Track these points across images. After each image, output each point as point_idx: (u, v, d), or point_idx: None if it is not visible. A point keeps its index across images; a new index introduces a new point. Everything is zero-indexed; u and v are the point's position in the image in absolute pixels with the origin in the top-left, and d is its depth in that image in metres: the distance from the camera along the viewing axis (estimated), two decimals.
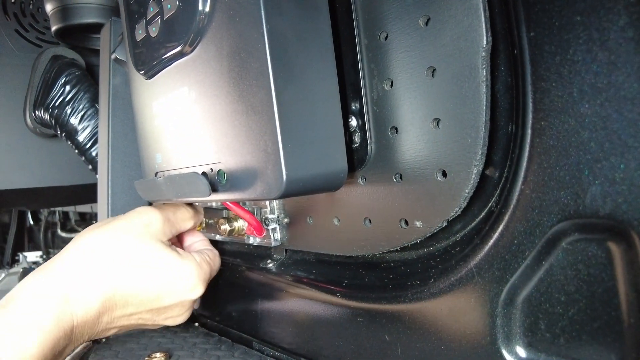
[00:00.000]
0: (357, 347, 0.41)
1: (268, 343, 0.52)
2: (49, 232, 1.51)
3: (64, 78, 0.68)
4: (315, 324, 0.46)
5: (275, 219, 0.52)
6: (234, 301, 0.58)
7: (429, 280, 0.37)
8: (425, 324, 0.36)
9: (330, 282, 0.45)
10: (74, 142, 0.69)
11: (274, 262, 0.54)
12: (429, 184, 0.37)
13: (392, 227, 0.40)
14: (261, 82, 0.33)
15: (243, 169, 0.36)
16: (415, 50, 0.37)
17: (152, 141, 0.47)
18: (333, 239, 0.45)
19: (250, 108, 0.34)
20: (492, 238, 0.33)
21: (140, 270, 0.45)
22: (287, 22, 0.34)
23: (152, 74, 0.45)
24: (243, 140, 0.36)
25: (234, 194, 0.37)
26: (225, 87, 0.36)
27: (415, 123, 0.37)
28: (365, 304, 0.41)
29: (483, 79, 0.33)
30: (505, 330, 0.32)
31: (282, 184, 0.33)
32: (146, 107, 0.47)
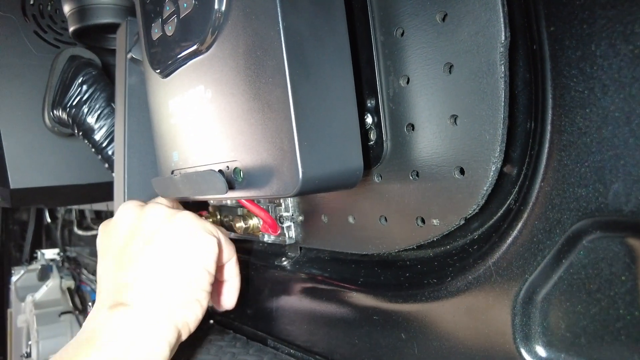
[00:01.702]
0: (373, 346, 0.41)
1: (283, 340, 0.52)
2: (65, 230, 1.53)
3: (81, 78, 0.69)
4: (330, 322, 0.46)
5: (290, 216, 0.52)
6: (248, 298, 0.58)
7: (446, 279, 0.36)
8: (442, 322, 0.36)
9: (345, 280, 0.45)
10: (91, 140, 0.70)
11: (288, 260, 0.54)
12: (446, 182, 0.36)
13: (409, 225, 0.39)
14: (277, 80, 0.33)
15: (259, 166, 0.36)
16: (432, 47, 0.36)
17: (168, 140, 0.48)
18: (348, 237, 0.45)
19: (266, 106, 0.35)
20: (511, 236, 0.33)
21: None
22: (303, 19, 0.34)
23: (168, 73, 0.45)
24: (259, 138, 0.36)
25: (250, 192, 0.37)
26: (241, 85, 0.36)
27: (432, 120, 0.37)
28: (381, 303, 0.41)
29: (501, 75, 0.33)
30: (524, 329, 0.31)
31: (298, 182, 0.33)
32: (162, 106, 0.48)
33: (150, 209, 0.48)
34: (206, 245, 0.47)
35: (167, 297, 0.45)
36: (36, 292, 1.24)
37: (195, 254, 0.46)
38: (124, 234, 0.48)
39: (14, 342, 1.39)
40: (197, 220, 0.48)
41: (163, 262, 0.46)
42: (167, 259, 0.46)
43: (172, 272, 0.46)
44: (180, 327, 0.45)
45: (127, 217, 0.49)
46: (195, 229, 0.47)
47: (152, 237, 0.47)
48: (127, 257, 0.47)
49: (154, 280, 0.45)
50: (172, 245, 0.46)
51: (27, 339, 1.21)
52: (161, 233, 0.47)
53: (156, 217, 0.47)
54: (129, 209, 0.49)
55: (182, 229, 0.47)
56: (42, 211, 1.69)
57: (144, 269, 0.46)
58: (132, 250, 0.47)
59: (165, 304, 0.45)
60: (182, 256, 0.46)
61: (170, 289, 0.45)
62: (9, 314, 1.44)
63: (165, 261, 0.46)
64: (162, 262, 0.46)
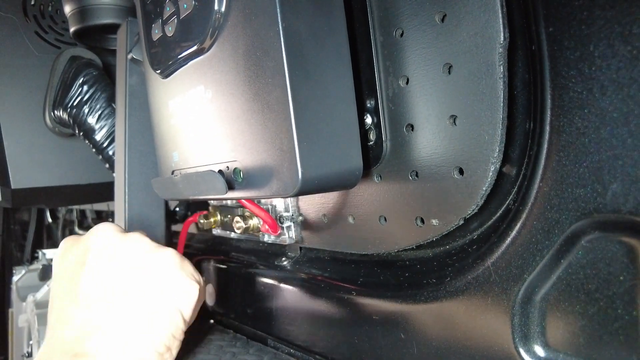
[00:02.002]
0: (372, 346, 0.41)
1: (283, 340, 0.52)
2: (67, 230, 1.53)
3: (82, 78, 0.69)
4: (330, 322, 0.46)
5: (290, 217, 0.52)
6: (248, 298, 0.58)
7: (445, 279, 0.36)
8: (441, 322, 0.36)
9: (345, 280, 0.45)
10: (92, 141, 0.70)
11: (288, 260, 0.55)
12: (446, 182, 0.36)
13: (408, 225, 0.40)
14: (277, 81, 0.33)
15: (259, 166, 0.36)
16: (431, 47, 0.36)
17: (168, 140, 0.48)
18: (348, 237, 0.45)
19: (266, 106, 0.35)
20: (510, 236, 0.33)
21: None
22: (303, 20, 0.34)
23: (168, 73, 0.45)
24: (259, 138, 0.36)
25: (250, 192, 0.37)
26: (241, 86, 0.36)
27: (431, 120, 0.37)
28: (381, 302, 0.41)
29: (500, 76, 0.33)
30: (522, 329, 0.31)
31: (297, 182, 0.33)
32: (162, 106, 0.48)
33: (131, 241, 0.44)
34: (187, 291, 0.42)
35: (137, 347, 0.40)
36: (37, 292, 1.25)
37: (174, 299, 0.42)
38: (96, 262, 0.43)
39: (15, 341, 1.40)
40: (180, 262, 0.44)
41: (137, 306, 0.41)
42: (141, 302, 0.41)
43: (146, 318, 0.41)
44: None
45: (103, 244, 0.44)
46: (177, 272, 0.43)
47: (128, 275, 0.42)
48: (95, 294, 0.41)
49: (123, 327, 0.40)
50: (149, 287, 0.41)
51: (29, 339, 1.21)
52: (139, 272, 0.42)
53: (136, 252, 0.43)
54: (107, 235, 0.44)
55: (164, 271, 0.42)
56: (43, 211, 1.69)
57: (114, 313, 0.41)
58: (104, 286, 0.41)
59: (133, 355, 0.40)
60: (159, 301, 0.41)
61: (141, 337, 0.40)
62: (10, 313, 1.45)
63: (140, 305, 0.41)
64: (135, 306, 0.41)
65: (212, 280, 0.66)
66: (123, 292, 0.42)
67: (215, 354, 0.51)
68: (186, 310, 0.43)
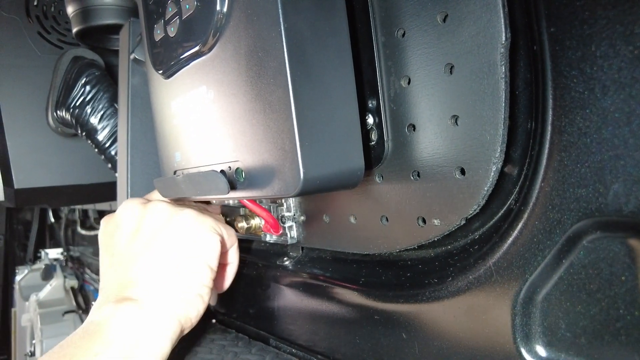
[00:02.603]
0: (374, 345, 0.41)
1: (285, 340, 0.53)
2: (69, 229, 1.54)
3: (84, 78, 0.69)
4: (332, 322, 0.46)
5: (292, 216, 0.52)
6: (250, 298, 0.58)
7: (447, 279, 0.36)
8: (443, 322, 0.36)
9: (347, 280, 0.45)
10: (94, 141, 0.70)
11: (290, 260, 0.55)
12: (447, 182, 0.36)
13: (409, 225, 0.40)
14: (279, 81, 0.34)
15: (261, 167, 0.36)
16: (432, 47, 0.37)
17: (170, 140, 0.48)
18: (349, 236, 0.45)
19: (267, 106, 0.35)
20: (511, 236, 0.33)
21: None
22: (305, 20, 0.34)
23: (170, 74, 0.46)
24: (261, 138, 0.36)
25: (252, 192, 0.37)
26: (243, 86, 0.36)
27: (433, 120, 0.37)
28: (382, 302, 0.41)
29: (502, 76, 0.33)
30: (524, 329, 0.31)
31: (299, 182, 0.33)
32: (165, 107, 0.48)
33: (154, 206, 0.49)
34: (209, 243, 0.47)
35: (172, 293, 0.46)
36: (40, 292, 1.25)
37: (198, 251, 0.47)
38: (128, 230, 0.49)
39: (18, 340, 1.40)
40: (200, 218, 0.48)
41: (167, 259, 0.47)
42: (171, 256, 0.47)
43: (176, 269, 0.46)
44: (183, 322, 0.46)
45: (131, 214, 0.49)
46: (198, 227, 0.47)
47: (156, 235, 0.47)
48: (132, 254, 0.48)
49: (159, 277, 0.46)
50: (175, 242, 0.47)
51: (31, 338, 1.22)
52: (164, 231, 0.47)
53: (159, 214, 0.48)
54: (132, 206, 0.50)
55: (186, 227, 0.47)
56: (46, 211, 1.70)
57: (149, 266, 0.47)
58: (137, 246, 0.48)
59: (169, 300, 0.46)
60: (185, 253, 0.47)
61: (174, 285, 0.46)
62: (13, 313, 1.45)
63: (169, 258, 0.47)
64: (166, 259, 0.47)
65: None
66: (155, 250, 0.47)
67: (218, 354, 0.51)
68: (211, 261, 0.47)
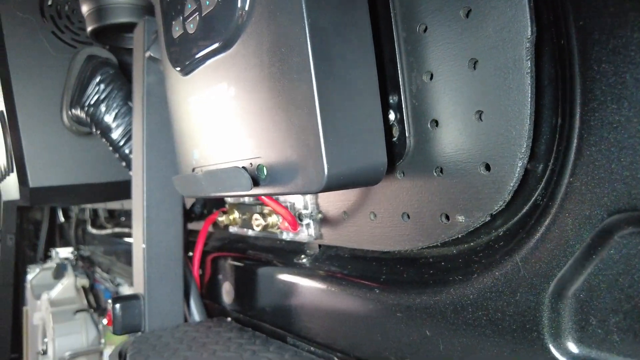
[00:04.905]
0: (397, 343, 0.41)
1: (303, 338, 0.52)
2: (79, 229, 1.54)
3: (99, 77, 0.69)
4: (352, 319, 0.46)
5: (309, 214, 0.52)
6: (267, 296, 0.58)
7: (472, 275, 0.36)
8: (468, 319, 0.36)
9: (367, 278, 0.45)
10: (108, 139, 0.70)
11: (307, 258, 0.54)
12: (472, 178, 0.36)
13: (432, 222, 0.39)
14: (302, 77, 0.33)
15: (283, 163, 0.36)
16: (455, 43, 0.36)
17: (189, 137, 0.48)
18: (369, 234, 0.45)
19: (291, 103, 0.35)
20: (539, 232, 0.33)
21: None
22: (328, 16, 0.34)
23: (188, 71, 0.45)
24: (284, 134, 0.36)
25: (274, 188, 0.37)
26: (265, 83, 0.36)
27: (456, 116, 0.37)
28: (405, 300, 0.40)
29: (527, 71, 0.33)
30: (553, 326, 0.31)
31: (323, 178, 0.33)
32: (182, 104, 0.48)
33: None
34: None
35: None
36: (52, 290, 1.26)
37: None
38: None
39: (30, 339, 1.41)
40: None
41: None
42: None
43: None
44: None
45: None
46: None
47: None
48: None
49: None
50: None
51: (43, 336, 1.22)
52: None
53: None
54: None
55: None
56: (56, 210, 1.71)
57: None
58: None
59: None
60: None
61: None
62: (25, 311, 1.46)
63: None
64: None
65: (229, 277, 0.66)
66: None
67: (235, 352, 0.51)
68: None
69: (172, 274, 0.62)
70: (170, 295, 0.62)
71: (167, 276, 0.61)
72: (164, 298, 0.61)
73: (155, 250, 0.60)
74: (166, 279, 0.61)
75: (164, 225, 0.61)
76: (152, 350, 0.53)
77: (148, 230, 0.60)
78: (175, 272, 0.62)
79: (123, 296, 0.60)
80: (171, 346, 0.54)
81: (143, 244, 0.60)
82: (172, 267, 0.62)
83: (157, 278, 0.61)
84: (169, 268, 0.62)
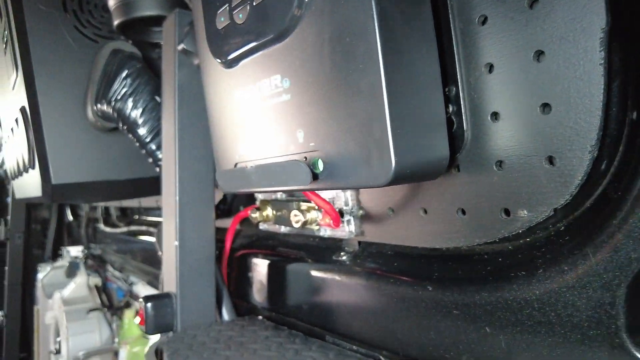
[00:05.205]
0: (453, 340, 0.40)
1: (343, 336, 0.52)
2: (89, 227, 1.53)
3: (126, 71, 0.68)
4: (400, 317, 0.45)
5: (350, 210, 0.51)
6: (303, 294, 0.57)
7: (537, 271, 0.35)
8: (534, 315, 0.35)
9: (417, 275, 0.44)
10: (135, 135, 0.69)
11: (347, 255, 0.54)
12: (536, 172, 0.35)
13: (491, 217, 0.38)
14: (369, 66, 0.32)
15: (344, 156, 0.35)
16: (519, 34, 0.35)
17: (232, 132, 0.47)
18: (419, 230, 0.44)
19: (355, 93, 0.34)
20: (612, 225, 0.32)
21: None
22: (394, 3, 0.33)
23: (234, 63, 0.44)
24: (345, 126, 0.35)
25: (332, 182, 0.36)
26: (326, 73, 0.35)
27: (519, 109, 0.36)
28: (462, 297, 0.40)
29: (600, 62, 0.32)
30: (632, 321, 0.30)
31: (390, 171, 0.32)
32: (226, 97, 0.47)
33: None
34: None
35: None
36: (64, 289, 1.24)
37: None
38: None
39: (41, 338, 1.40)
40: None
41: None
42: None
43: None
44: None
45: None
46: None
47: None
48: None
49: None
50: None
51: (56, 335, 1.21)
52: None
53: None
54: None
55: None
56: (64, 208, 1.69)
57: None
58: None
59: None
60: None
61: None
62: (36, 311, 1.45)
63: None
64: None
65: (260, 275, 0.65)
66: None
67: (277, 351, 0.50)
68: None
69: (204, 271, 0.61)
70: (202, 293, 0.61)
71: (199, 274, 0.60)
72: (196, 296, 0.60)
73: (188, 248, 0.59)
74: (198, 277, 0.60)
75: (196, 222, 0.60)
76: (190, 350, 0.52)
77: (181, 227, 0.59)
78: (207, 269, 0.61)
79: (154, 295, 0.59)
80: (208, 345, 0.53)
81: (176, 241, 0.59)
82: (204, 264, 0.61)
83: (190, 276, 0.59)
84: (202, 266, 0.61)
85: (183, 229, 0.59)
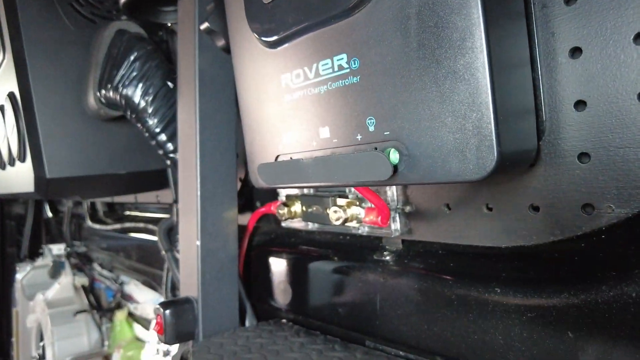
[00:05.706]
0: (527, 345, 0.37)
1: (387, 341, 0.48)
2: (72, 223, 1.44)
3: (135, 53, 0.62)
4: (459, 321, 0.42)
5: (396, 207, 0.47)
6: (337, 296, 0.53)
7: (633, 270, 0.33)
8: (628, 319, 0.32)
9: (481, 276, 0.41)
10: (145, 124, 0.63)
11: (391, 254, 0.50)
12: (629, 164, 0.32)
13: (571, 213, 0.36)
14: (468, 44, 0.29)
15: (429, 146, 0.31)
16: (616, 15, 0.32)
17: (276, 120, 0.42)
18: (482, 228, 0.41)
19: (448, 75, 0.30)
20: None
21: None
22: None
23: (282, 42, 0.40)
24: (432, 112, 0.31)
25: (414, 176, 0.32)
26: (408, 52, 0.31)
27: (611, 97, 0.33)
28: (537, 300, 0.37)
29: None
30: None
31: (491, 163, 0.29)
32: (269, 82, 0.42)
33: None
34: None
35: None
36: (48, 290, 1.16)
37: None
38: None
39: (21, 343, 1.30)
40: None
41: None
42: None
43: None
44: None
45: None
46: None
47: None
48: None
49: None
50: None
51: (38, 340, 1.13)
52: None
53: None
54: None
55: None
56: (42, 204, 1.59)
57: None
58: None
59: None
60: None
61: None
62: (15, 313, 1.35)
63: None
64: None
65: (284, 276, 0.61)
66: None
67: (318, 359, 0.46)
68: None
69: (227, 273, 0.56)
70: (226, 297, 0.56)
71: (222, 276, 0.55)
72: (220, 300, 0.55)
73: (210, 248, 0.54)
74: (221, 279, 0.55)
75: (219, 220, 0.55)
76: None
77: (203, 225, 0.54)
78: (230, 271, 0.56)
79: (173, 300, 0.54)
80: (241, 356, 0.48)
81: (197, 241, 0.54)
82: (227, 265, 0.56)
83: (212, 278, 0.55)
84: (225, 267, 0.56)
85: (205, 227, 0.54)
